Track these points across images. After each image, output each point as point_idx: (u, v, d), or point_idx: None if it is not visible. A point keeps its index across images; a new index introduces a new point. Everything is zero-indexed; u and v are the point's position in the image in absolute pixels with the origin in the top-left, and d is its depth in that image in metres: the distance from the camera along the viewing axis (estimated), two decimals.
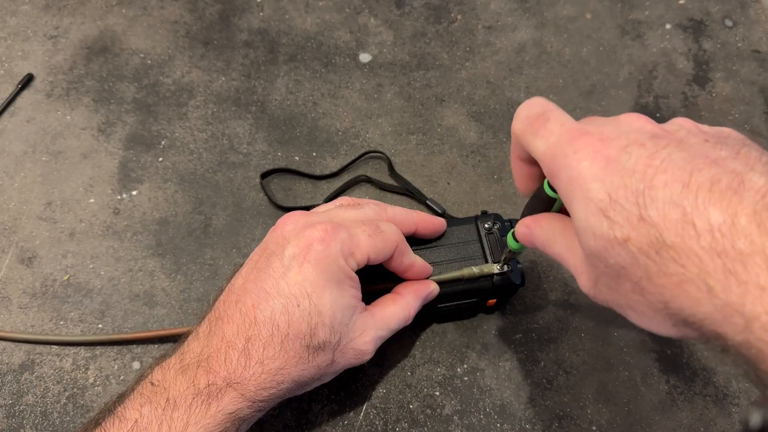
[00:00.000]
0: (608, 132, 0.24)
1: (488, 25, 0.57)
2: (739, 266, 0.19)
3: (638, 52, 0.56)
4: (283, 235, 0.33)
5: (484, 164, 0.50)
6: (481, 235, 0.40)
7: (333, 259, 0.32)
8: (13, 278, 0.44)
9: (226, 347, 0.31)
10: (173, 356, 0.32)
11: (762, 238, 0.19)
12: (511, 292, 0.41)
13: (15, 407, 0.40)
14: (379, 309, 0.36)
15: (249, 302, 0.32)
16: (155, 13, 0.57)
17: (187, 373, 0.30)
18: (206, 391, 0.30)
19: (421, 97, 0.53)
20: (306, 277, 0.31)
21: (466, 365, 0.42)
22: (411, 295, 0.37)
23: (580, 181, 0.24)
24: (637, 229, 0.22)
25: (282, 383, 0.31)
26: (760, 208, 0.19)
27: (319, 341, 0.31)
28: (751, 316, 0.19)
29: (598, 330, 0.43)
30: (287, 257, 0.32)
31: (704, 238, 0.20)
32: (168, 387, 0.30)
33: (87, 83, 0.53)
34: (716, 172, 0.21)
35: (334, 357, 0.33)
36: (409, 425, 0.40)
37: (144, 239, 0.46)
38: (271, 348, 0.31)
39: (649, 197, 0.21)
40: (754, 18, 0.58)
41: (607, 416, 0.40)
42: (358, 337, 0.34)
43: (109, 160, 0.49)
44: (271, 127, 0.51)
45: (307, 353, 0.31)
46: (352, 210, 0.36)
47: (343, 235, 0.33)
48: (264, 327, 0.31)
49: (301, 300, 0.31)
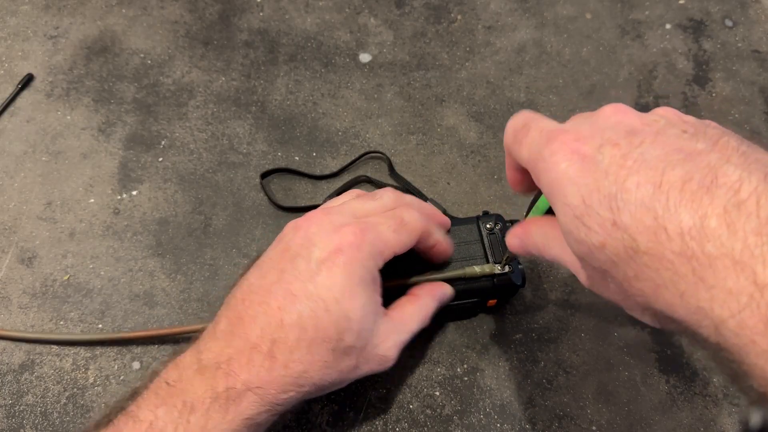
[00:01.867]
0: (584, 130, 0.24)
1: (488, 25, 0.57)
2: (707, 270, 0.19)
3: (638, 52, 0.56)
4: (308, 236, 0.33)
5: (484, 164, 0.50)
6: (483, 236, 0.40)
7: (362, 263, 0.31)
8: (13, 278, 0.44)
9: (250, 349, 0.30)
10: (188, 354, 0.31)
11: (731, 240, 0.19)
12: (511, 292, 0.41)
13: (15, 407, 0.40)
14: (397, 312, 0.35)
15: (274, 303, 0.31)
16: (155, 13, 0.57)
17: (205, 375, 0.30)
18: (225, 394, 0.29)
19: (421, 97, 0.53)
20: (335, 281, 0.31)
21: (466, 365, 0.42)
22: (427, 296, 0.37)
23: (557, 184, 0.24)
24: (612, 234, 0.22)
25: (303, 387, 0.31)
26: (731, 206, 0.19)
27: (346, 346, 0.31)
28: (719, 321, 0.19)
29: (598, 330, 0.43)
30: (314, 260, 0.31)
31: (675, 242, 0.20)
32: (185, 388, 0.29)
33: (87, 83, 0.53)
34: (689, 169, 0.21)
35: (358, 363, 0.32)
36: (409, 425, 0.40)
37: (144, 239, 0.46)
38: (297, 352, 0.30)
39: (622, 201, 0.21)
40: (754, 18, 0.58)
41: (607, 416, 0.40)
42: (381, 343, 0.33)
43: (109, 160, 0.49)
44: (271, 127, 0.51)
45: (332, 358, 0.31)
46: (371, 201, 0.36)
47: (372, 237, 0.32)
48: (291, 330, 0.30)
49: (329, 304, 0.30)
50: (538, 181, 0.26)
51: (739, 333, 0.18)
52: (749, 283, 0.18)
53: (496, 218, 0.41)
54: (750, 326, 0.18)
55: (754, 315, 0.18)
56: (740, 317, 0.18)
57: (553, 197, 0.24)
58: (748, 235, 0.19)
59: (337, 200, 0.37)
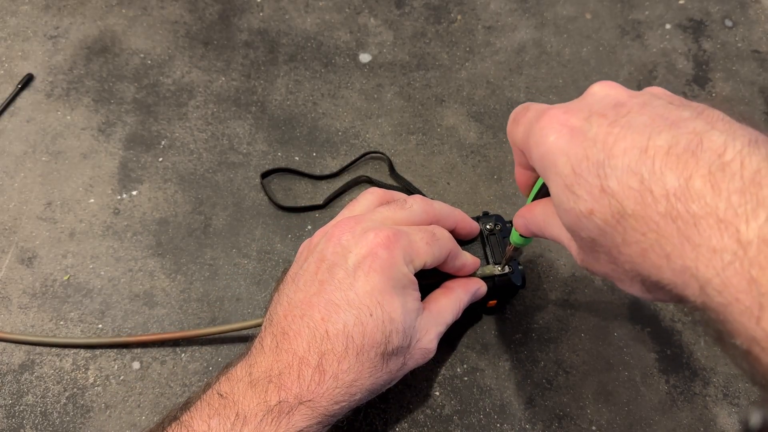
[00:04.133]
0: (573, 105, 0.25)
1: (488, 25, 0.57)
2: (692, 230, 0.19)
3: (638, 52, 0.56)
4: (341, 244, 0.32)
5: (484, 164, 0.50)
6: (483, 236, 0.40)
7: (397, 266, 0.32)
8: (13, 278, 0.44)
9: (299, 364, 0.30)
10: (240, 367, 0.31)
11: (715, 200, 0.19)
12: (511, 293, 0.41)
13: (15, 407, 0.40)
14: (434, 304, 0.36)
15: (317, 316, 0.31)
16: (155, 13, 0.57)
17: (256, 388, 0.30)
18: (277, 408, 0.29)
19: (421, 97, 0.53)
20: (375, 285, 0.31)
21: (466, 365, 0.42)
22: (461, 289, 0.37)
23: (548, 157, 0.24)
24: (599, 201, 0.22)
25: (355, 395, 0.31)
26: (715, 168, 0.19)
27: (394, 347, 0.31)
28: (704, 279, 0.19)
29: (598, 330, 0.43)
30: (351, 266, 0.31)
31: (661, 204, 0.20)
32: (237, 401, 0.29)
33: (87, 83, 0.53)
34: (675, 134, 0.21)
35: (405, 360, 0.33)
36: (409, 425, 0.40)
37: (144, 239, 0.46)
38: (345, 362, 0.30)
39: (609, 167, 0.22)
40: (754, 18, 0.58)
41: (607, 416, 0.40)
42: (423, 336, 0.34)
43: (109, 160, 0.49)
44: (271, 127, 0.51)
45: (381, 362, 0.31)
46: (401, 210, 0.35)
47: (404, 242, 0.32)
48: (338, 340, 0.30)
49: (373, 309, 0.30)
50: (530, 158, 0.26)
51: (723, 291, 0.19)
52: (733, 242, 0.18)
53: (496, 219, 0.41)
54: (734, 284, 0.18)
55: (737, 273, 0.18)
56: (724, 275, 0.19)
57: (546, 171, 0.25)
58: (732, 195, 0.19)
59: (358, 204, 0.37)
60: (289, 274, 0.35)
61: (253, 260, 0.45)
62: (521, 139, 0.27)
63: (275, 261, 0.45)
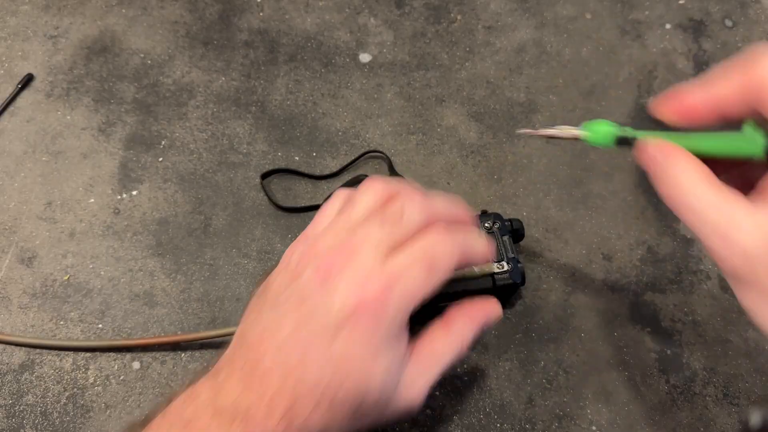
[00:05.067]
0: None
1: (488, 25, 0.57)
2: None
3: (638, 52, 0.56)
4: (327, 279, 0.29)
5: (484, 164, 0.50)
6: None
7: (387, 322, 0.29)
8: (13, 278, 0.44)
9: (269, 403, 0.28)
10: (206, 387, 0.29)
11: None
12: (511, 291, 0.41)
13: (15, 407, 0.40)
14: (427, 347, 0.32)
15: (294, 358, 0.28)
16: (155, 13, 0.57)
17: (221, 419, 0.28)
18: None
19: (421, 97, 0.53)
20: (356, 348, 0.28)
21: (466, 365, 0.42)
22: (464, 322, 0.33)
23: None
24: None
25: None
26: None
27: (368, 406, 0.29)
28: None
29: (598, 330, 0.43)
30: (335, 315, 0.28)
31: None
32: (201, 430, 0.28)
33: (87, 83, 0.53)
34: None
35: (382, 413, 0.31)
36: (409, 425, 0.40)
37: (144, 239, 0.46)
38: (317, 412, 0.28)
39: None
40: (754, 18, 0.58)
41: (607, 416, 0.40)
42: (406, 390, 0.31)
43: (109, 160, 0.49)
44: (271, 127, 0.51)
45: (354, 417, 0.29)
46: (398, 227, 0.31)
47: (400, 290, 0.29)
48: (311, 390, 0.28)
49: (351, 371, 0.28)
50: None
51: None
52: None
53: (495, 217, 0.41)
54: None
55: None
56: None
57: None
58: None
59: (356, 207, 0.32)
60: (272, 289, 0.32)
61: (253, 260, 0.45)
62: (760, 83, 0.23)
63: (275, 261, 0.45)
